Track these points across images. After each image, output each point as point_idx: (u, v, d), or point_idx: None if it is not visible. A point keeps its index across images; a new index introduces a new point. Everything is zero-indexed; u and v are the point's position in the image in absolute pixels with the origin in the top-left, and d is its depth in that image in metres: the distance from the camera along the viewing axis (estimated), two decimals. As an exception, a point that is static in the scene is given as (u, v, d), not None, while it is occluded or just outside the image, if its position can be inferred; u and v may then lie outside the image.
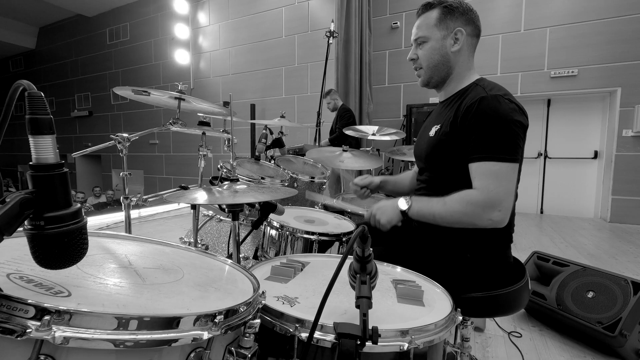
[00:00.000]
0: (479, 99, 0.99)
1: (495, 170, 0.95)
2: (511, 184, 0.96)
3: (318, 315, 0.59)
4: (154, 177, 8.95)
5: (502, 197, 0.94)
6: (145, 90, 1.76)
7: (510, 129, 0.95)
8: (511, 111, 0.96)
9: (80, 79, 10.35)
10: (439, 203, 1.02)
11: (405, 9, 5.74)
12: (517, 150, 0.97)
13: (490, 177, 0.95)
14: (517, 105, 0.99)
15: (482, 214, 0.95)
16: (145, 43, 8.81)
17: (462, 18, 1.07)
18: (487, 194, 0.94)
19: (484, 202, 0.94)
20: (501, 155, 0.95)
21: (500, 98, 0.97)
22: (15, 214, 0.45)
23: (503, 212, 0.94)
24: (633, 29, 4.47)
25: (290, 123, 2.71)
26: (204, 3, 7.79)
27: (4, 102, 0.51)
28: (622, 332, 1.50)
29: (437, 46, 1.09)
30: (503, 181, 0.94)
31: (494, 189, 0.94)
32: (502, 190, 0.94)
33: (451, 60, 1.10)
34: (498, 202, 0.94)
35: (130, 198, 1.73)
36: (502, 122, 0.95)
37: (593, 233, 4.07)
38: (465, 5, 1.09)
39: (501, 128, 0.95)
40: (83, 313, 0.45)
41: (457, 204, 0.98)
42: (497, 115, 0.96)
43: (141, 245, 0.86)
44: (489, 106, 0.96)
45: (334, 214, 1.76)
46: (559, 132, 5.24)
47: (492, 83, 1.06)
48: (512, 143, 0.95)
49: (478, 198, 0.95)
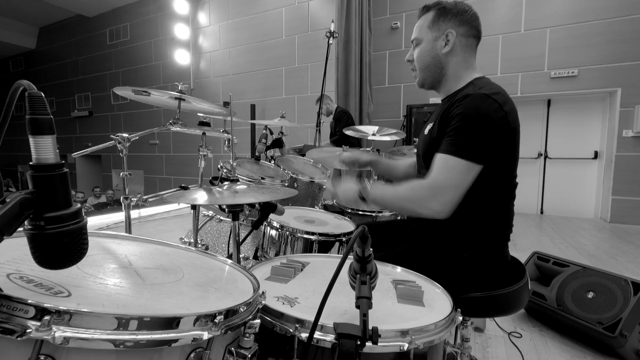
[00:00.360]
0: (463, 95, 0.98)
1: (450, 165, 0.95)
2: (462, 181, 0.94)
3: (318, 315, 0.59)
4: (154, 177, 8.95)
5: (446, 190, 0.95)
6: (145, 91, 1.76)
7: (476, 129, 0.93)
8: (492, 111, 0.93)
9: (80, 79, 10.35)
10: (391, 189, 1.06)
11: (405, 10, 5.75)
12: (482, 151, 0.94)
13: (444, 169, 0.96)
14: (502, 106, 0.95)
15: (423, 202, 0.97)
16: (145, 43, 8.81)
17: (455, 19, 1.07)
18: (433, 183, 0.96)
19: (428, 191, 0.96)
20: (463, 152, 0.94)
21: (485, 97, 0.95)
22: (15, 214, 0.45)
23: (443, 205, 0.95)
24: (633, 29, 4.47)
25: (290, 123, 2.71)
26: (204, 3, 7.80)
27: (4, 102, 0.51)
28: (622, 333, 1.50)
29: (428, 48, 1.11)
30: (454, 176, 0.95)
31: (441, 180, 0.95)
32: (449, 184, 0.95)
33: (442, 61, 1.10)
34: (440, 194, 0.95)
35: (130, 198, 1.73)
36: (472, 121, 0.94)
37: (593, 233, 4.07)
38: (460, 7, 1.08)
39: (472, 126, 0.94)
40: (83, 313, 0.45)
41: (404, 190, 1.02)
42: (473, 113, 0.94)
43: (141, 246, 0.86)
44: (470, 104, 0.95)
45: (334, 214, 1.76)
46: (559, 132, 5.24)
47: (487, 82, 1.04)
48: (479, 143, 0.93)
49: (423, 187, 0.98)
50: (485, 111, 0.93)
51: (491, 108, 0.94)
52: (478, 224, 1.04)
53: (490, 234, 1.05)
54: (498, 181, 1.02)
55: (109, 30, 9.47)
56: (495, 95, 0.95)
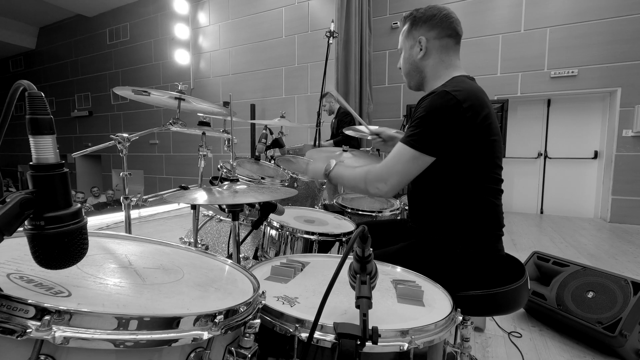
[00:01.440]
0: (429, 93, 1.06)
1: (401, 152, 1.04)
2: (408, 168, 1.03)
3: (318, 315, 0.59)
4: (154, 177, 8.95)
5: (392, 174, 1.05)
6: (145, 91, 1.76)
7: (434, 122, 0.99)
8: (449, 107, 0.98)
9: (80, 79, 10.35)
10: (351, 170, 1.19)
11: (405, 9, 5.72)
12: (433, 143, 1.00)
13: (395, 155, 1.06)
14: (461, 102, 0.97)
15: (372, 182, 1.08)
16: (145, 43, 8.81)
17: (425, 25, 1.15)
18: (383, 167, 1.07)
19: (377, 172, 1.08)
20: (413, 142, 1.02)
21: (445, 93, 1.00)
22: (15, 214, 0.45)
23: (388, 186, 1.06)
24: (633, 29, 4.47)
25: (290, 123, 2.71)
26: (204, 3, 7.79)
27: (4, 102, 0.51)
28: (622, 332, 1.50)
29: (407, 56, 1.21)
30: (401, 163, 1.04)
31: (390, 165, 1.06)
32: (396, 170, 1.05)
33: (419, 65, 1.19)
34: (387, 177, 1.06)
35: (130, 198, 1.73)
36: (431, 115, 1.00)
37: (593, 233, 4.07)
38: (429, 12, 1.15)
39: (427, 120, 1.00)
40: (83, 313, 0.45)
41: (360, 171, 1.14)
42: (427, 107, 1.01)
43: (141, 245, 0.86)
44: (430, 100, 1.02)
45: (334, 214, 1.76)
46: (559, 132, 5.24)
47: (459, 80, 1.08)
48: (430, 136, 1.00)
49: (375, 169, 1.09)
50: (440, 106, 1.00)
51: (448, 104, 0.99)
52: (466, 218, 1.07)
53: (480, 228, 1.07)
54: (476, 175, 1.05)
55: (108, 30, 9.47)
56: (456, 92, 1.00)
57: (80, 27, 10.07)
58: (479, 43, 5.23)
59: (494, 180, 1.08)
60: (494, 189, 1.08)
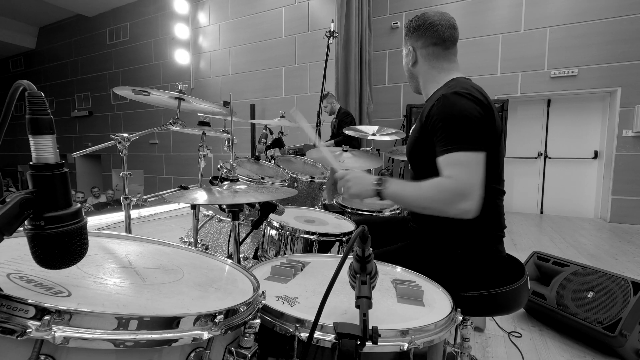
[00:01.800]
0: (439, 97, 1.04)
1: (462, 160, 0.96)
2: (479, 172, 0.95)
3: (318, 315, 0.59)
4: (154, 177, 8.95)
5: (473, 186, 0.94)
6: (145, 90, 1.76)
7: (467, 121, 0.98)
8: (466, 103, 0.99)
9: (80, 79, 10.35)
10: (414, 187, 1.02)
11: (405, 9, 5.75)
12: (479, 140, 0.97)
13: (459, 165, 0.96)
14: (475, 98, 1.00)
15: (453, 202, 0.94)
16: (145, 43, 8.81)
17: (413, 36, 1.19)
18: (459, 182, 0.94)
19: (455, 190, 0.94)
20: (464, 145, 0.96)
21: (455, 95, 1.00)
22: (15, 214, 0.45)
23: (473, 202, 0.94)
24: (633, 29, 4.47)
25: (290, 123, 2.71)
26: (204, 3, 7.79)
27: (4, 102, 0.51)
28: (622, 332, 1.50)
29: (404, 63, 1.27)
30: (472, 170, 0.95)
31: (464, 177, 0.94)
32: (473, 179, 0.94)
33: (413, 72, 1.24)
34: (469, 191, 0.94)
35: (130, 198, 1.73)
36: (459, 115, 0.98)
37: (593, 233, 4.07)
38: (415, 23, 1.17)
39: (459, 121, 0.98)
40: (83, 313, 0.45)
41: (430, 190, 0.99)
42: (454, 109, 0.99)
43: (141, 245, 0.86)
44: (447, 103, 1.01)
45: (334, 214, 1.76)
46: (559, 132, 5.24)
47: (459, 81, 1.09)
48: (472, 134, 0.97)
49: (451, 186, 0.95)
50: (463, 106, 0.99)
51: (467, 102, 0.99)
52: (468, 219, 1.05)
53: (481, 230, 1.06)
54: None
55: (108, 30, 9.46)
56: (468, 90, 1.02)
57: (80, 27, 10.07)
58: (479, 43, 5.23)
59: (498, 180, 1.08)
60: (497, 190, 1.08)
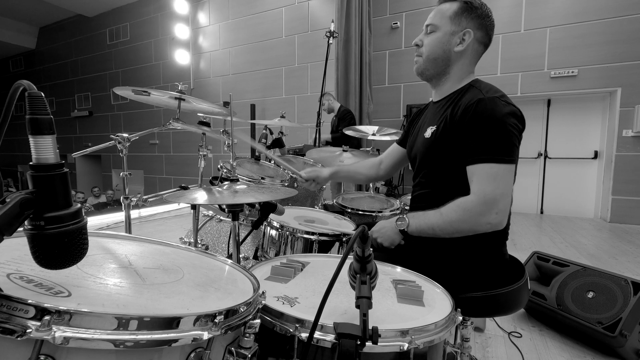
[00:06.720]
0: (476, 100, 0.99)
1: (493, 173, 0.95)
2: (508, 185, 0.96)
3: (318, 315, 0.58)
4: (154, 177, 8.95)
5: (498, 199, 0.94)
6: (145, 91, 1.76)
7: (507, 131, 0.96)
8: (508, 113, 0.97)
9: (80, 79, 10.35)
10: (436, 215, 1.01)
11: (405, 9, 5.75)
12: (514, 151, 0.97)
13: (488, 179, 0.95)
14: (514, 107, 0.99)
15: (480, 219, 0.95)
16: (145, 43, 8.81)
17: (477, 21, 1.06)
18: (483, 197, 0.94)
19: (480, 206, 0.95)
20: (499, 156, 0.95)
21: (497, 100, 0.98)
22: (15, 214, 0.45)
23: (500, 214, 0.95)
24: (633, 29, 4.47)
25: (290, 123, 2.71)
26: (204, 3, 7.79)
27: (4, 102, 0.51)
28: (622, 332, 1.50)
29: (444, 40, 1.07)
30: (500, 183, 0.94)
31: (490, 191, 0.94)
32: (499, 192, 0.94)
33: (451, 58, 1.09)
34: (494, 205, 0.94)
35: (130, 198, 1.73)
36: (499, 124, 0.96)
37: (593, 233, 4.07)
38: (485, 10, 1.07)
39: (498, 130, 0.96)
40: (83, 313, 0.45)
41: (453, 213, 0.98)
42: (495, 117, 0.96)
43: (141, 245, 0.86)
44: (487, 108, 0.97)
45: (334, 214, 1.76)
46: (559, 132, 5.24)
47: (488, 85, 1.07)
48: (509, 144, 0.96)
49: (474, 203, 0.95)
50: (504, 114, 0.96)
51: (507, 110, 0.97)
52: None
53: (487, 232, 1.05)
54: None
55: (109, 30, 9.47)
56: (505, 98, 1.01)
57: (80, 27, 10.07)
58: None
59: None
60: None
